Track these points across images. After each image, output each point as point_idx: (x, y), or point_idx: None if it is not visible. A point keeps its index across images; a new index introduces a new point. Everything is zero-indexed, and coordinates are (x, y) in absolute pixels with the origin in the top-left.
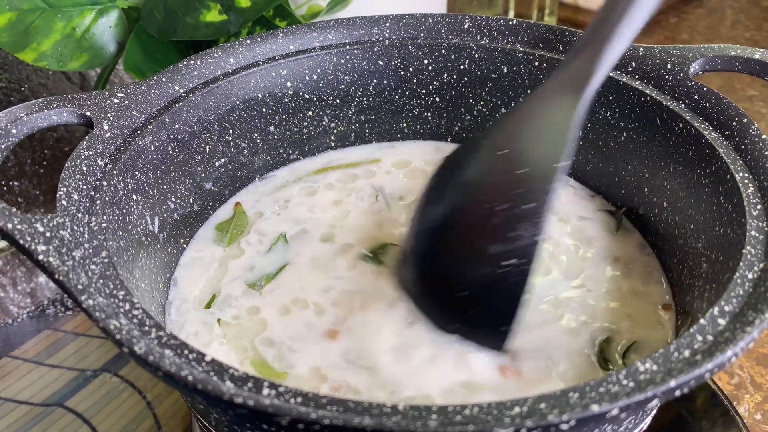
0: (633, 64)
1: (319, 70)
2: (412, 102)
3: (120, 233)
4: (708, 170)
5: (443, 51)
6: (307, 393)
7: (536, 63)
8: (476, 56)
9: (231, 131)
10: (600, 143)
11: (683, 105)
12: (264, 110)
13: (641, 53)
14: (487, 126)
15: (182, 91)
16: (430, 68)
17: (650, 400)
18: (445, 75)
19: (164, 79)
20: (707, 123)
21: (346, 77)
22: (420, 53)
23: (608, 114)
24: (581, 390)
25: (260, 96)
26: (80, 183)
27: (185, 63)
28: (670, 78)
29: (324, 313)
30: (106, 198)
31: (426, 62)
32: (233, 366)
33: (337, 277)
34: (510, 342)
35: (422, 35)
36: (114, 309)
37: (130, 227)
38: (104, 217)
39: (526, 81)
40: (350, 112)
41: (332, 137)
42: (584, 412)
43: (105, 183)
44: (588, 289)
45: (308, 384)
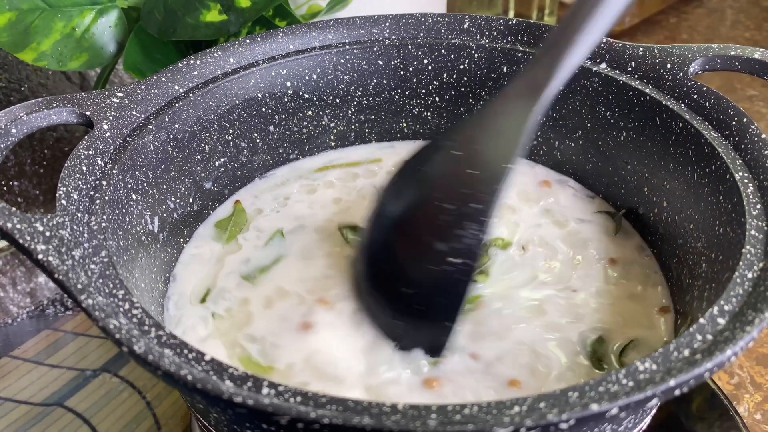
0: (633, 64)
1: (319, 70)
2: (412, 102)
3: (119, 233)
4: (707, 170)
5: (443, 51)
6: (307, 392)
7: None
8: (476, 56)
9: (231, 131)
10: (600, 143)
11: (683, 105)
12: (264, 110)
13: (641, 53)
14: (448, 129)
15: (182, 91)
16: (430, 68)
17: (650, 400)
18: (445, 75)
19: (164, 79)
20: (707, 122)
21: (346, 77)
22: (420, 53)
23: (608, 114)
24: (581, 389)
25: (260, 96)
26: (80, 182)
27: (185, 63)
28: (670, 78)
29: (303, 303)
30: (106, 197)
31: (426, 62)
32: (224, 360)
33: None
34: (449, 346)
35: (422, 35)
36: (113, 308)
37: (130, 227)
38: (104, 217)
39: None
40: (350, 112)
41: (332, 137)
42: (584, 412)
43: (104, 182)
44: (582, 291)
45: (293, 377)
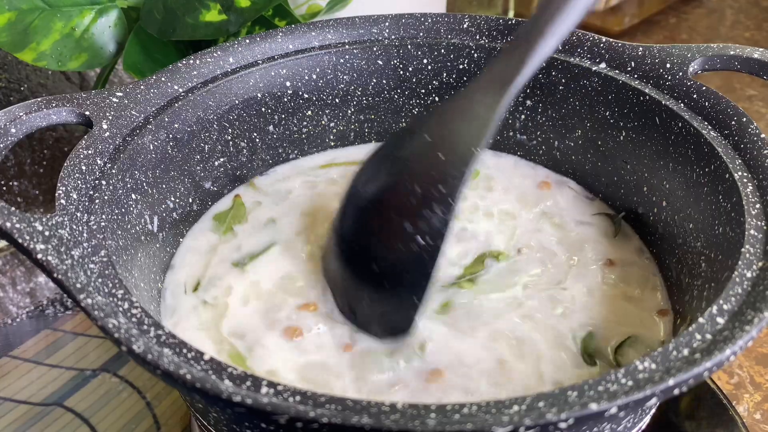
0: (632, 64)
1: (319, 70)
2: (412, 101)
3: (119, 232)
4: (707, 169)
5: (442, 50)
6: (306, 391)
7: None
8: (475, 56)
9: (230, 131)
10: (599, 143)
11: (682, 104)
12: (263, 110)
13: (640, 53)
14: (419, 115)
15: (181, 91)
16: (430, 68)
17: (649, 399)
18: (445, 75)
19: (163, 79)
20: (706, 122)
21: (346, 77)
22: (419, 53)
23: (607, 113)
24: (580, 389)
25: (259, 95)
26: (79, 182)
27: (184, 62)
28: (669, 77)
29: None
30: (105, 197)
31: (425, 62)
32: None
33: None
34: (414, 327)
35: (421, 35)
36: (112, 308)
37: (129, 226)
38: (103, 216)
39: None
40: (349, 112)
41: (331, 137)
42: (583, 411)
43: (104, 182)
44: (577, 291)
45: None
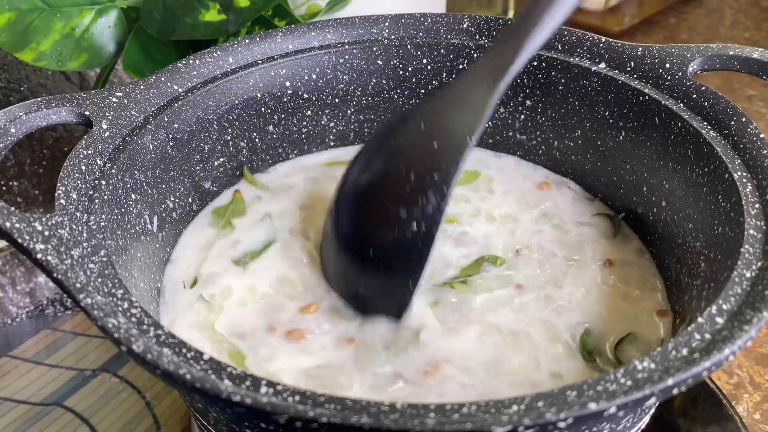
0: (631, 64)
1: (318, 70)
2: (411, 102)
3: (118, 232)
4: (706, 169)
5: (442, 50)
6: (305, 391)
7: (535, 62)
8: (475, 56)
9: (230, 131)
10: (599, 143)
11: (682, 104)
12: (263, 110)
13: (640, 53)
14: (417, 102)
15: (181, 91)
16: (429, 68)
17: (648, 399)
18: (444, 74)
19: (163, 79)
20: (706, 122)
21: (345, 77)
22: (419, 53)
23: (607, 113)
24: (579, 388)
25: (259, 95)
26: (79, 182)
27: (184, 62)
28: (669, 77)
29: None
30: (105, 197)
31: (425, 62)
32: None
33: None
34: (409, 310)
35: (421, 35)
36: (112, 307)
37: (129, 226)
38: (103, 216)
39: (525, 80)
40: (349, 112)
41: (331, 137)
42: (582, 410)
43: (104, 182)
44: (574, 290)
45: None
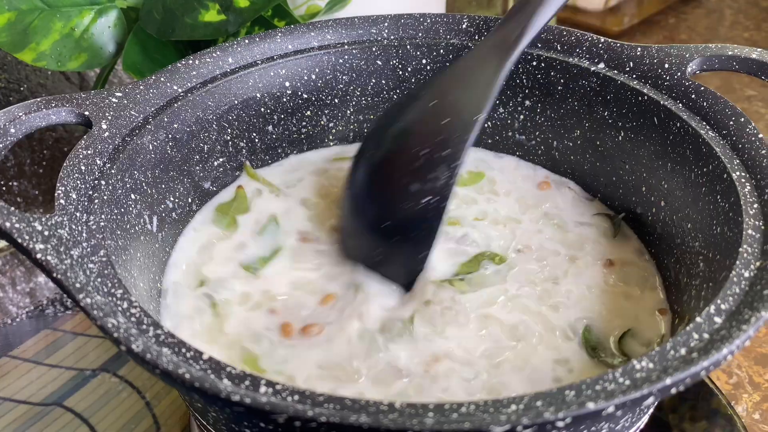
0: (630, 64)
1: (318, 70)
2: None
3: (118, 232)
4: (705, 169)
5: (441, 51)
6: (304, 391)
7: (534, 62)
8: (444, 68)
9: (229, 131)
10: (598, 143)
11: (680, 104)
12: (262, 110)
13: (639, 53)
14: (426, 80)
15: (180, 91)
16: (429, 68)
17: (646, 398)
18: None
19: (162, 79)
20: (704, 122)
21: (345, 77)
22: (418, 53)
23: (606, 113)
24: (577, 387)
25: (258, 96)
26: (78, 182)
27: (184, 63)
28: (668, 77)
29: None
30: (105, 197)
31: (424, 62)
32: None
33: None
34: (419, 279)
35: (420, 35)
36: (112, 307)
37: (128, 226)
38: (102, 216)
39: (524, 80)
40: (348, 112)
41: (331, 137)
42: (580, 410)
43: (103, 182)
44: (575, 288)
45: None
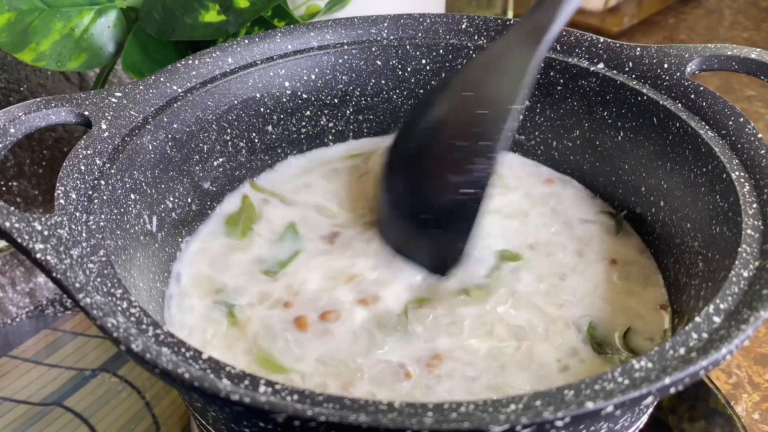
0: (630, 64)
1: (317, 70)
2: (410, 102)
3: (118, 232)
4: (704, 169)
5: (441, 51)
6: (304, 390)
7: None
8: (474, 56)
9: (229, 131)
10: (597, 143)
11: (680, 104)
12: (262, 110)
13: (638, 53)
14: (457, 70)
15: (180, 91)
16: (428, 68)
17: (645, 397)
18: (443, 75)
19: (162, 79)
20: (704, 122)
21: (344, 77)
22: (418, 53)
23: (605, 114)
24: (576, 387)
25: (258, 96)
26: (78, 182)
27: (183, 63)
28: (667, 78)
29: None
30: (104, 197)
31: (424, 62)
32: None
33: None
34: (454, 269)
35: (420, 35)
36: (111, 307)
37: (128, 226)
38: (102, 216)
39: None
40: (348, 112)
41: (330, 137)
42: (579, 409)
43: (103, 182)
44: (581, 286)
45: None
